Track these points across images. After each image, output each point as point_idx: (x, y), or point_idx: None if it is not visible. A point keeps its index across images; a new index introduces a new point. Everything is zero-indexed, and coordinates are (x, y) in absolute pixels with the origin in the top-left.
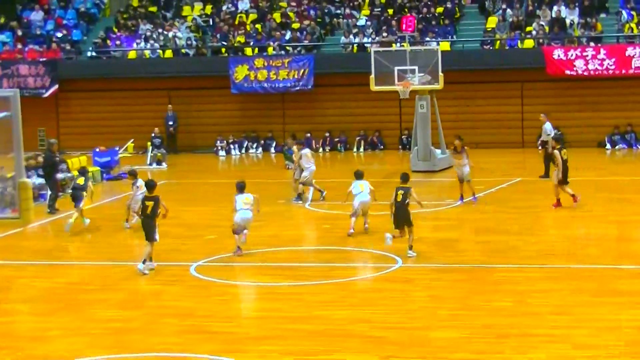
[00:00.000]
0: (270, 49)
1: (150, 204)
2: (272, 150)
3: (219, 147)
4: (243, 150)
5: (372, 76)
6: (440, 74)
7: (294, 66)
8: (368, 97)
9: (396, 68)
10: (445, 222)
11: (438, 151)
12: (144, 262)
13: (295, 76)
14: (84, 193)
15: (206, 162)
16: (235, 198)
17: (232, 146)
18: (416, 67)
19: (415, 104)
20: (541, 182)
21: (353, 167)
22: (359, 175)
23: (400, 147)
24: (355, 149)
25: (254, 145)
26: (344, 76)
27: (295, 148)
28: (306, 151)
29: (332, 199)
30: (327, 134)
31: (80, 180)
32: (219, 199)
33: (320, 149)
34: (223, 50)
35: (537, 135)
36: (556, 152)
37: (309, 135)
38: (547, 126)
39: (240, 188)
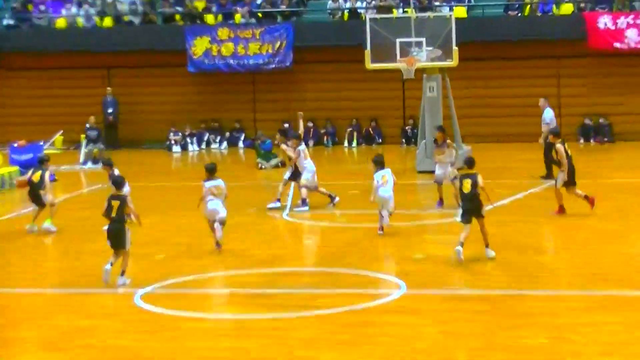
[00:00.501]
0: (237, 16)
1: (116, 203)
2: (241, 144)
3: (173, 141)
4: (203, 145)
5: (368, 51)
6: (455, 47)
7: (268, 38)
8: (362, 77)
9: (398, 40)
10: (456, 237)
11: None
12: (122, 274)
13: (270, 51)
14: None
15: (156, 161)
16: (203, 185)
17: (189, 140)
18: (423, 40)
19: (422, 86)
20: (583, 186)
21: (343, 165)
22: (379, 163)
23: (403, 140)
24: (346, 143)
25: (217, 139)
26: (332, 51)
27: (290, 143)
28: (304, 147)
29: (315, 206)
30: (310, 124)
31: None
32: (173, 207)
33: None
34: (177, 17)
35: (577, 127)
36: (559, 146)
37: (287, 126)
38: (548, 114)
39: (211, 171)
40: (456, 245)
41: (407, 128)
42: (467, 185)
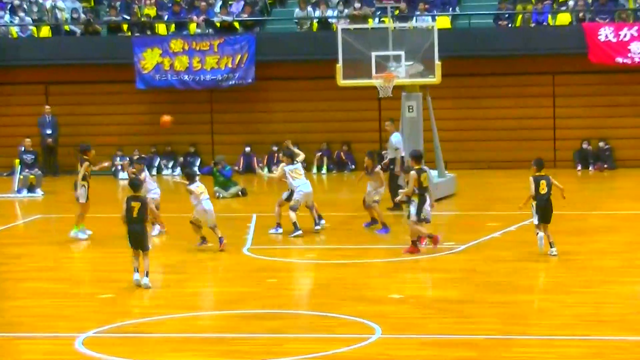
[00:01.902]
0: (192, 26)
1: (136, 205)
2: (197, 170)
3: (119, 167)
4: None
5: (340, 65)
6: (437, 62)
7: (228, 50)
8: (333, 95)
9: (374, 54)
10: (444, 275)
11: (434, 172)
12: (147, 275)
13: (229, 65)
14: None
15: (100, 189)
16: (191, 190)
17: None
18: (402, 53)
19: (401, 105)
20: (581, 219)
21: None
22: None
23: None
24: (315, 169)
25: (170, 164)
26: (299, 66)
27: (283, 162)
28: (293, 167)
29: (279, 241)
30: (274, 148)
31: None
32: (119, 241)
33: (265, 170)
34: (125, 27)
35: (574, 151)
36: (413, 173)
37: (248, 149)
38: (395, 138)
39: (192, 177)
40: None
41: (384, 153)
42: (544, 186)
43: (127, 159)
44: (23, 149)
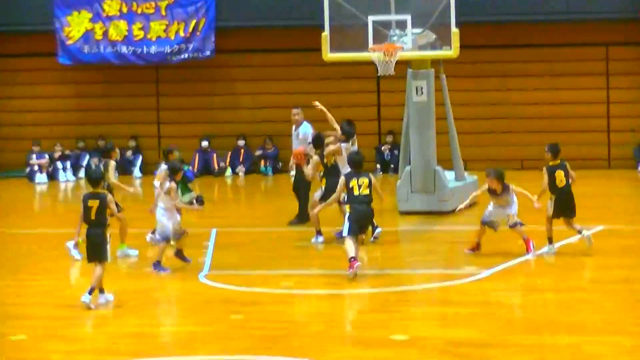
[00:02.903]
0: None
1: (94, 204)
2: (138, 171)
3: (36, 167)
4: (81, 173)
5: (326, 34)
6: (454, 29)
7: (179, 14)
8: (319, 73)
9: (371, 19)
10: (462, 309)
11: (449, 174)
12: (91, 292)
13: (181, 33)
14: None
15: (10, 195)
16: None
17: (60, 164)
18: (408, 18)
19: (406, 86)
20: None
21: (288, 202)
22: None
23: (377, 165)
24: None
25: (102, 163)
26: (273, 34)
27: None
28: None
29: (246, 265)
30: (240, 143)
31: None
32: (33, 266)
33: (228, 170)
34: None
35: (633, 147)
36: (343, 179)
37: (205, 144)
38: (305, 129)
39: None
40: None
41: (383, 148)
42: (561, 176)
43: (46, 156)
44: None
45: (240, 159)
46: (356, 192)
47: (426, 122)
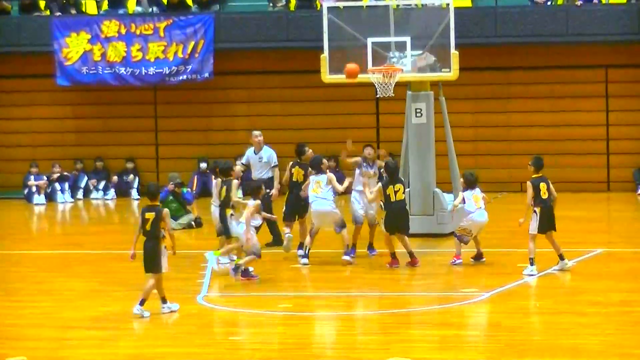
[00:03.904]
0: (131, 3)
1: (150, 216)
2: (135, 193)
3: (34, 188)
4: (79, 194)
5: (325, 56)
6: (454, 51)
7: (178, 36)
8: (318, 95)
9: (370, 40)
10: (462, 331)
11: (449, 196)
12: (141, 303)
13: (179, 55)
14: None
15: (7, 216)
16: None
17: (58, 185)
18: (408, 39)
19: (406, 108)
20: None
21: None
22: (470, 183)
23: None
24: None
25: (101, 185)
26: (271, 56)
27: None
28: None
29: (243, 287)
30: (238, 163)
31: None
32: (35, 286)
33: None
34: (42, 4)
35: (633, 170)
36: (380, 187)
37: (204, 165)
38: (269, 152)
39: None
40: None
41: (382, 170)
42: (544, 189)
43: (44, 177)
44: None
45: (240, 179)
46: (393, 199)
47: (425, 144)
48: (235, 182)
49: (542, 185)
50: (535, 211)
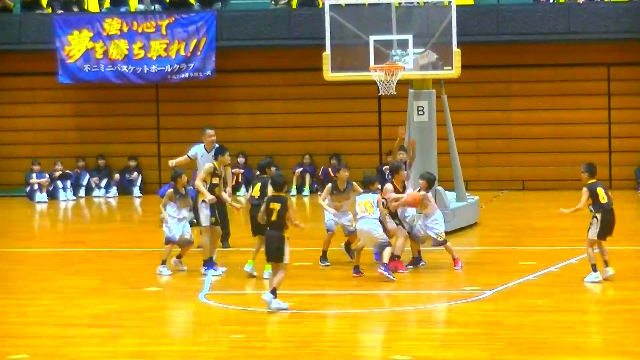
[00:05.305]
0: (133, 1)
1: (276, 206)
2: (138, 191)
3: (36, 186)
4: (81, 192)
5: (327, 53)
6: (456, 49)
7: (180, 34)
8: (320, 93)
9: (372, 38)
10: (463, 329)
11: (451, 194)
12: (273, 292)
13: (181, 52)
14: None
15: (9, 214)
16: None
17: (60, 183)
18: (410, 37)
19: (408, 106)
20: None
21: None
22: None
23: (378, 186)
24: (293, 190)
25: (103, 183)
26: (273, 54)
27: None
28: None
29: (245, 285)
30: (240, 160)
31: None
32: (37, 283)
33: (227, 189)
34: (44, 1)
35: (635, 168)
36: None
37: None
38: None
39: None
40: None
41: (384, 168)
42: (602, 194)
43: (46, 175)
44: None
45: (241, 179)
46: None
47: (427, 142)
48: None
49: (600, 190)
50: (596, 217)
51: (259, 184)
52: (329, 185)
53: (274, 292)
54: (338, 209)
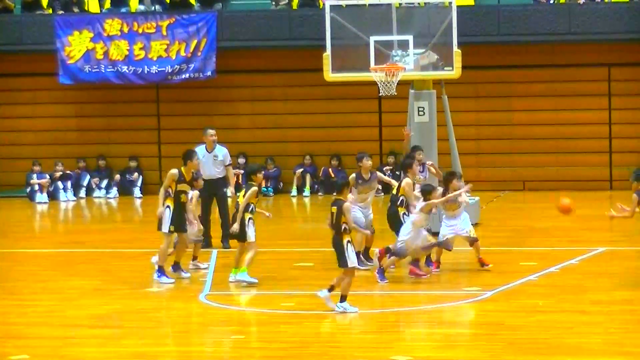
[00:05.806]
0: (134, 1)
1: (334, 210)
2: (138, 192)
3: (36, 187)
4: (82, 192)
5: (328, 54)
6: (456, 50)
7: (180, 34)
8: (320, 93)
9: (373, 39)
10: (464, 330)
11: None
12: (342, 300)
13: (182, 53)
14: None
15: (9, 215)
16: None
17: (61, 184)
18: (410, 38)
19: (408, 106)
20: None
21: (289, 224)
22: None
23: (379, 186)
24: (294, 190)
25: (104, 183)
26: (273, 54)
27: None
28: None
29: (242, 285)
30: (241, 160)
31: None
32: (38, 284)
33: (228, 191)
34: (44, 2)
35: (634, 168)
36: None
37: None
38: (222, 151)
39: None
40: None
41: (385, 168)
42: None
43: (47, 175)
44: None
45: (241, 179)
46: None
47: (428, 142)
48: (254, 189)
49: None
50: None
51: (243, 191)
52: (353, 175)
53: (342, 299)
54: (364, 201)
